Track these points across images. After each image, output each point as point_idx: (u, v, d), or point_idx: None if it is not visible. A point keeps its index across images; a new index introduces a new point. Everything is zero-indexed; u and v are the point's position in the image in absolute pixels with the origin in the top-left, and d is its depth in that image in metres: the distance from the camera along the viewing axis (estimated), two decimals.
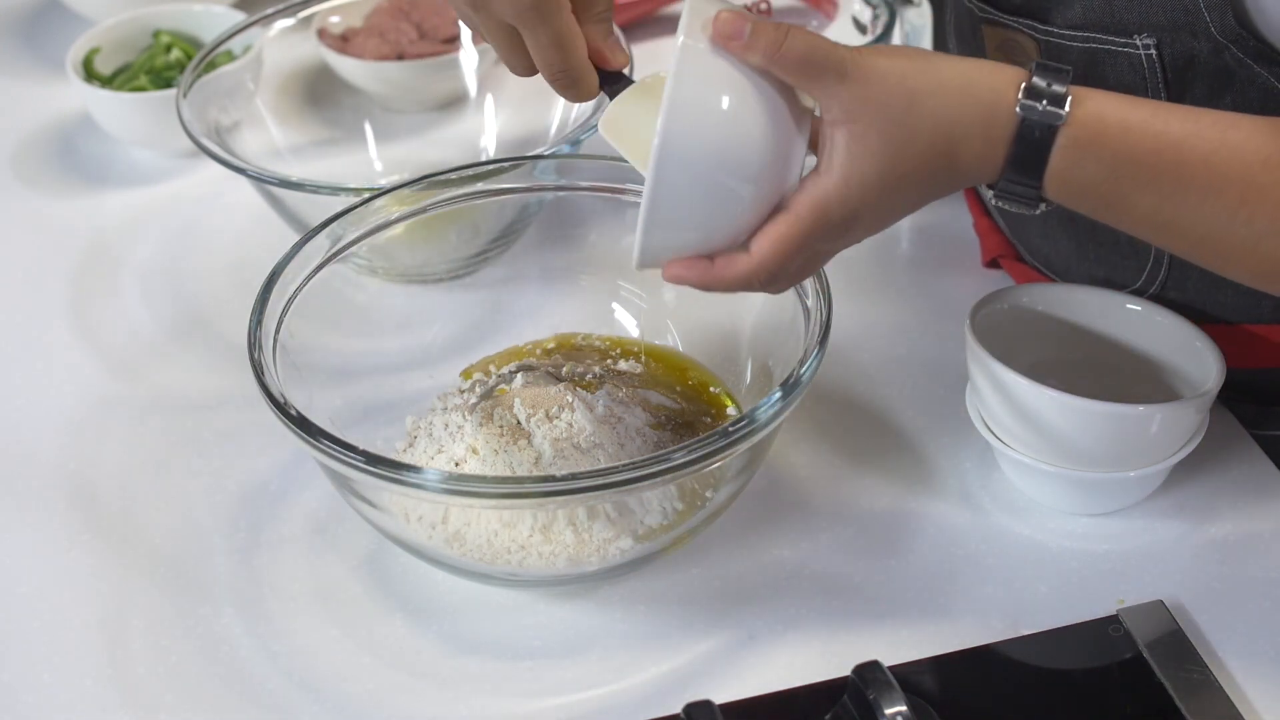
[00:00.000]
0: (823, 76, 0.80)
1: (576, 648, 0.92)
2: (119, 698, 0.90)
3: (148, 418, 1.09)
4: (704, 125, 0.79)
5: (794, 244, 0.82)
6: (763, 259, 0.83)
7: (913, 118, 0.80)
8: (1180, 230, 0.83)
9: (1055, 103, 0.80)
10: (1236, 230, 0.82)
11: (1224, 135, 0.81)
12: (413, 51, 1.33)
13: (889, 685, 0.83)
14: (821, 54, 0.79)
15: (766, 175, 0.81)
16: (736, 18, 0.79)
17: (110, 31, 1.39)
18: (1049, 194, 0.83)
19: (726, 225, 0.82)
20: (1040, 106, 0.80)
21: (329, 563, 0.98)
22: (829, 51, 0.80)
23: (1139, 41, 0.93)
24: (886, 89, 0.80)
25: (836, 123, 0.81)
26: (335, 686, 0.91)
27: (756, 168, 0.80)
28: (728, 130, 0.79)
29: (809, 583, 0.95)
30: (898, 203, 0.83)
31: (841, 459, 1.03)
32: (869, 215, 0.83)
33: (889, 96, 0.80)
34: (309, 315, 0.99)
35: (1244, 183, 0.81)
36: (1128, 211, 0.83)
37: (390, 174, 1.30)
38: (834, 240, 0.84)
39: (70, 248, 1.26)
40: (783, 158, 0.81)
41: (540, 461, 0.95)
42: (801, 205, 0.82)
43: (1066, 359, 1.01)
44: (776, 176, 0.81)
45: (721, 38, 0.79)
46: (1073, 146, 0.81)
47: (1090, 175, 0.82)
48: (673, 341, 1.08)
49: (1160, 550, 0.96)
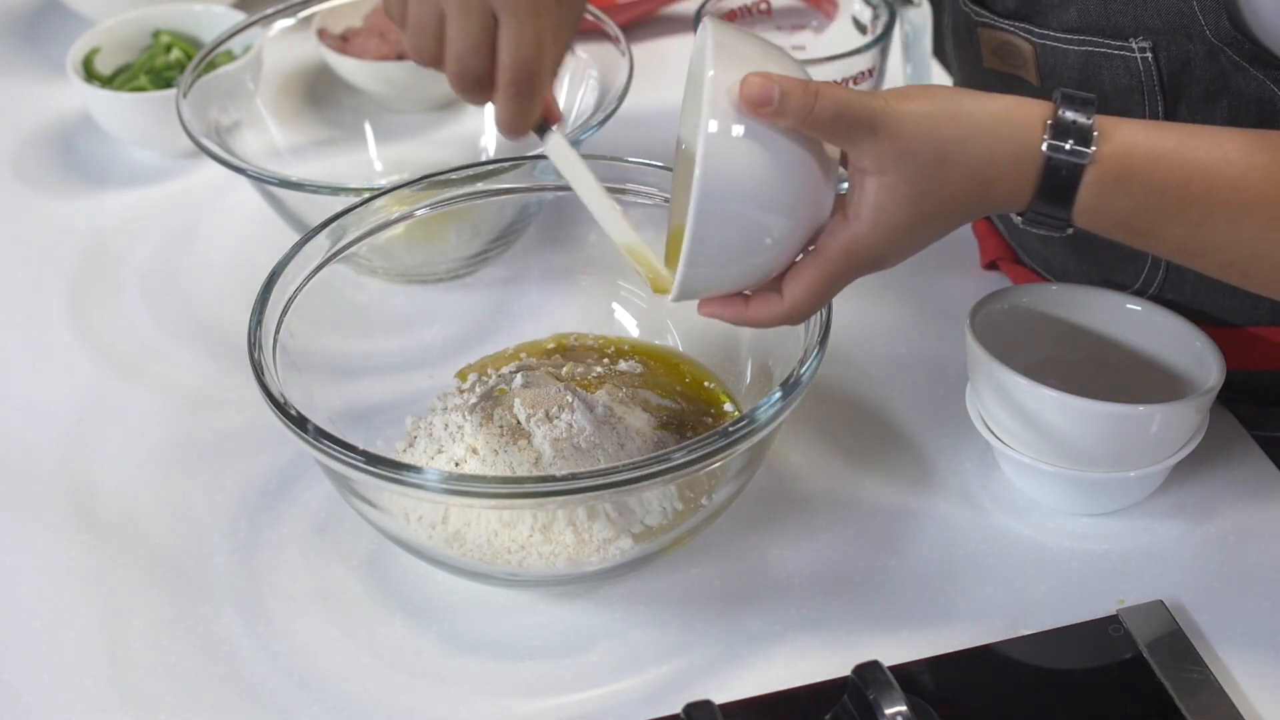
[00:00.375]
0: (853, 133, 0.80)
1: (576, 648, 0.92)
2: (119, 698, 0.90)
3: (148, 418, 1.09)
4: (739, 171, 0.81)
5: (824, 286, 0.85)
6: (794, 302, 0.85)
7: (944, 168, 0.81)
8: (1212, 254, 0.84)
9: (1082, 139, 0.81)
10: (1268, 252, 0.82)
11: (1251, 159, 0.81)
12: None
13: (889, 685, 0.83)
14: (852, 112, 0.80)
15: (799, 217, 0.83)
16: (765, 85, 0.79)
17: (110, 31, 1.39)
18: (1078, 224, 0.83)
19: (761, 264, 0.84)
20: (1067, 145, 0.81)
21: (329, 563, 0.98)
22: (859, 108, 0.80)
23: (1135, 45, 0.93)
24: (917, 140, 0.81)
25: (867, 173, 0.82)
26: (335, 686, 0.91)
27: (789, 210, 0.82)
28: (761, 175, 0.81)
29: (809, 583, 0.95)
30: (924, 238, 0.85)
31: (841, 459, 1.03)
32: (896, 254, 0.85)
33: (919, 147, 0.81)
34: (309, 315, 0.99)
35: (1273, 205, 0.81)
36: (1160, 239, 0.84)
37: (390, 174, 1.30)
38: (860, 274, 0.86)
39: (70, 248, 1.26)
40: (813, 200, 0.83)
41: (540, 462, 0.95)
42: (831, 249, 0.84)
43: (1066, 359, 1.01)
44: (809, 218, 0.83)
45: (750, 105, 0.79)
46: (1101, 182, 0.81)
47: (1120, 207, 0.82)
48: (673, 341, 1.08)
49: (1160, 550, 0.96)
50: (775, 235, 0.83)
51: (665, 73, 1.39)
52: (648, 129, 1.32)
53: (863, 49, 1.18)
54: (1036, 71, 0.99)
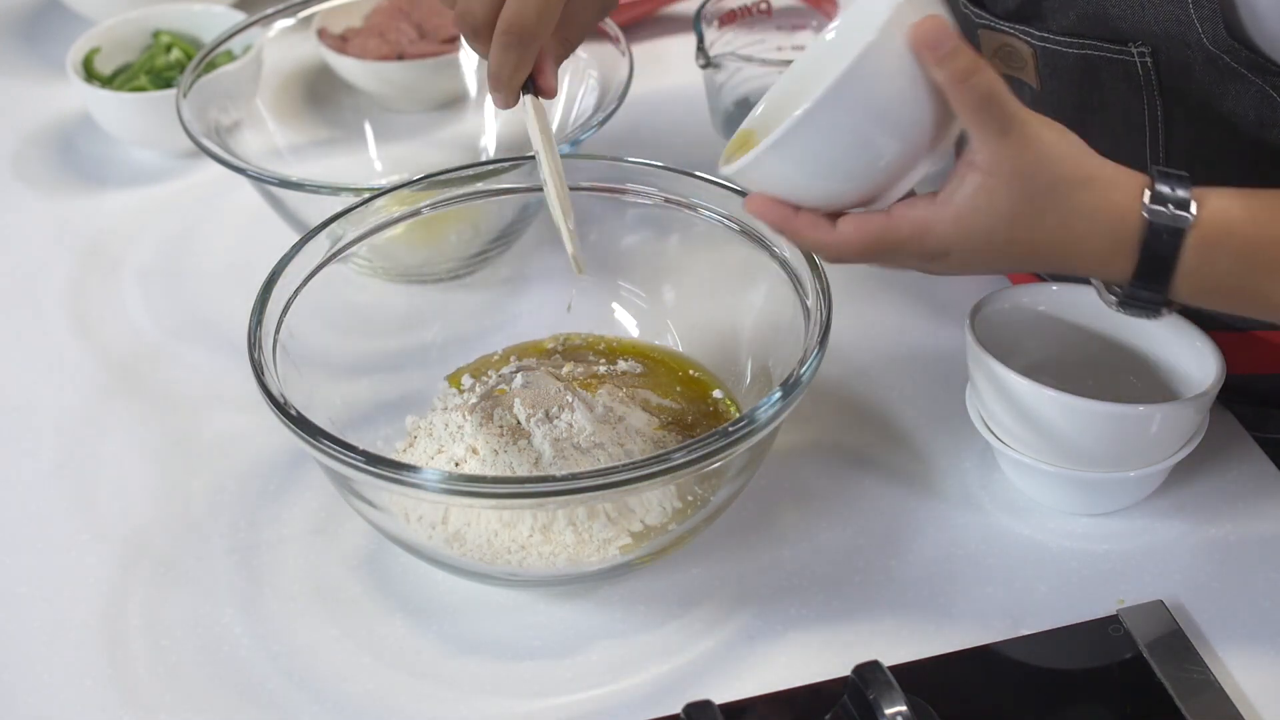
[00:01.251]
0: (987, 123, 0.80)
1: (576, 648, 0.92)
2: (119, 698, 0.90)
3: (148, 417, 1.09)
4: (876, 90, 0.80)
5: (878, 244, 0.83)
6: (843, 240, 0.83)
7: (1048, 201, 0.81)
8: None
9: (1180, 206, 0.81)
10: None
11: None
12: (413, 51, 1.33)
13: (889, 685, 0.83)
14: (999, 103, 0.80)
15: (895, 166, 0.82)
16: (943, 30, 0.79)
17: (110, 31, 1.39)
18: (1179, 294, 0.83)
19: (836, 185, 0.83)
20: (1168, 210, 0.81)
21: (329, 563, 0.98)
22: (1004, 104, 0.80)
23: (1134, 50, 0.93)
24: (1037, 163, 0.81)
25: (976, 167, 0.81)
26: (335, 686, 0.91)
27: (893, 153, 0.81)
28: (890, 107, 0.80)
29: (809, 583, 0.95)
30: (990, 259, 0.84)
31: (841, 459, 1.03)
32: (959, 260, 0.84)
33: (1035, 171, 0.81)
34: (309, 315, 0.99)
35: None
36: (1263, 299, 0.84)
37: (390, 174, 1.30)
38: (914, 260, 0.84)
39: (70, 248, 1.26)
40: (914, 159, 0.82)
41: (540, 461, 0.95)
42: (904, 217, 0.83)
43: (1066, 359, 1.01)
44: (901, 171, 0.82)
45: (920, 41, 0.79)
46: (1202, 245, 0.81)
47: (1222, 270, 0.82)
48: (673, 341, 1.08)
49: (1160, 550, 0.96)
50: (870, 166, 0.82)
51: (665, 73, 1.39)
52: (648, 129, 1.32)
53: None
54: (1036, 74, 0.99)
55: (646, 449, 0.97)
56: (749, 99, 1.22)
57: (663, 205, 1.05)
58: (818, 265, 0.95)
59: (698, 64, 1.19)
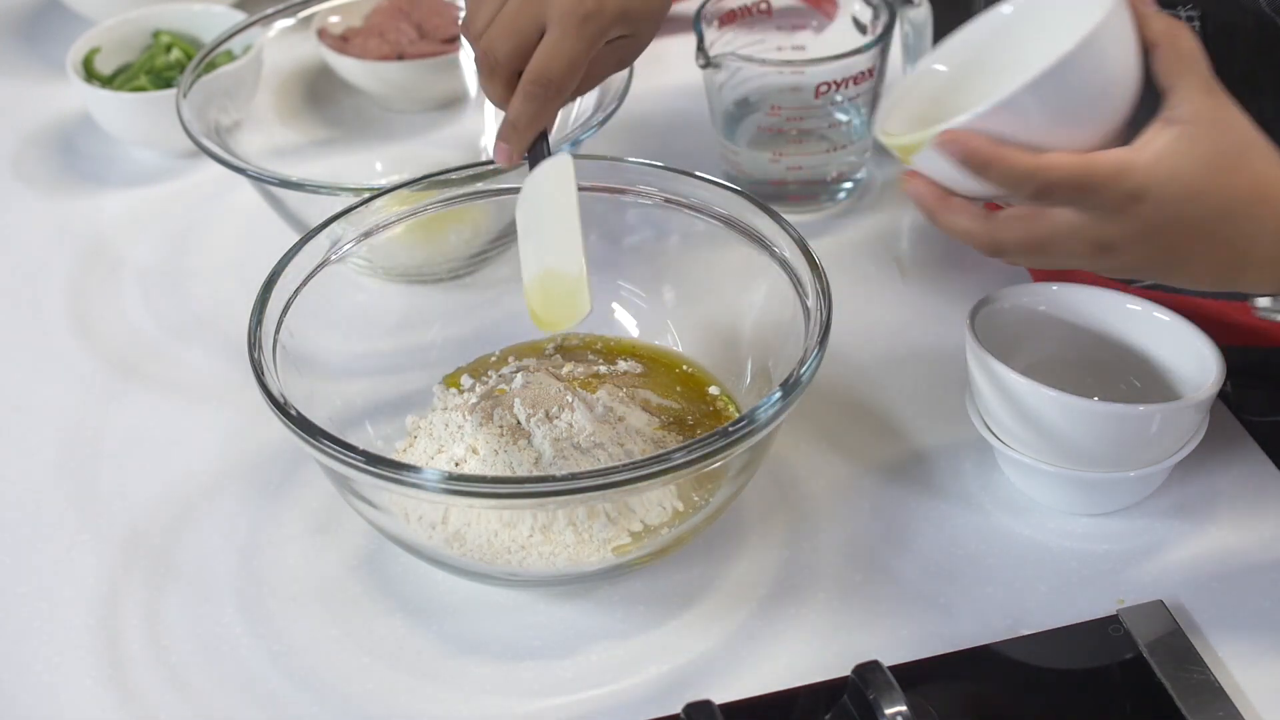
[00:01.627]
0: (1194, 80, 0.81)
1: (576, 648, 0.92)
2: (119, 698, 0.90)
3: (147, 418, 1.09)
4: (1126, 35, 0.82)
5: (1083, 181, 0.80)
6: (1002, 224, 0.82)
7: (1242, 159, 0.82)
8: None
9: None
10: None
11: None
12: (413, 51, 1.33)
13: (889, 685, 0.83)
14: (1203, 63, 0.82)
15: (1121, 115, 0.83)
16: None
17: (110, 31, 1.39)
18: None
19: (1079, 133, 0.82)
20: None
21: (329, 563, 0.98)
22: (1207, 65, 0.82)
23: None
24: (1233, 122, 0.82)
25: (1175, 120, 0.81)
26: (335, 686, 0.91)
27: (1126, 100, 0.82)
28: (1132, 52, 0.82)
29: (809, 583, 0.95)
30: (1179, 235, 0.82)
31: (841, 459, 1.03)
32: (1151, 213, 0.81)
33: (1231, 128, 0.82)
34: (309, 315, 0.99)
35: None
36: None
37: (390, 174, 1.30)
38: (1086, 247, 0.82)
39: (70, 248, 1.26)
40: (1128, 115, 0.83)
41: (540, 461, 0.95)
42: (1103, 156, 0.81)
43: (1066, 359, 1.01)
44: (1120, 126, 0.83)
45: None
46: None
47: None
48: (673, 341, 1.08)
49: (1160, 550, 0.96)
50: (1111, 113, 0.82)
51: (665, 73, 1.39)
52: (648, 129, 1.32)
53: (863, 49, 1.18)
54: None
55: (646, 449, 0.97)
56: (749, 99, 1.22)
57: (663, 205, 1.05)
58: (818, 265, 0.95)
59: (698, 64, 1.19)
